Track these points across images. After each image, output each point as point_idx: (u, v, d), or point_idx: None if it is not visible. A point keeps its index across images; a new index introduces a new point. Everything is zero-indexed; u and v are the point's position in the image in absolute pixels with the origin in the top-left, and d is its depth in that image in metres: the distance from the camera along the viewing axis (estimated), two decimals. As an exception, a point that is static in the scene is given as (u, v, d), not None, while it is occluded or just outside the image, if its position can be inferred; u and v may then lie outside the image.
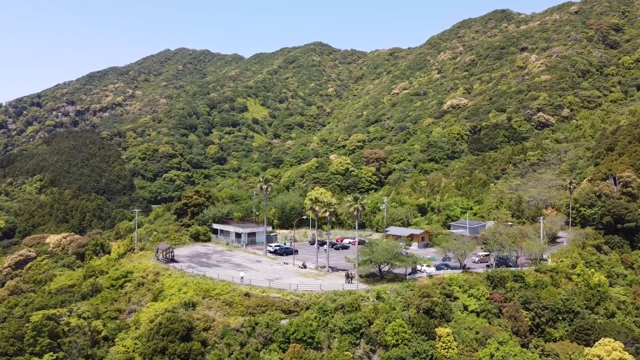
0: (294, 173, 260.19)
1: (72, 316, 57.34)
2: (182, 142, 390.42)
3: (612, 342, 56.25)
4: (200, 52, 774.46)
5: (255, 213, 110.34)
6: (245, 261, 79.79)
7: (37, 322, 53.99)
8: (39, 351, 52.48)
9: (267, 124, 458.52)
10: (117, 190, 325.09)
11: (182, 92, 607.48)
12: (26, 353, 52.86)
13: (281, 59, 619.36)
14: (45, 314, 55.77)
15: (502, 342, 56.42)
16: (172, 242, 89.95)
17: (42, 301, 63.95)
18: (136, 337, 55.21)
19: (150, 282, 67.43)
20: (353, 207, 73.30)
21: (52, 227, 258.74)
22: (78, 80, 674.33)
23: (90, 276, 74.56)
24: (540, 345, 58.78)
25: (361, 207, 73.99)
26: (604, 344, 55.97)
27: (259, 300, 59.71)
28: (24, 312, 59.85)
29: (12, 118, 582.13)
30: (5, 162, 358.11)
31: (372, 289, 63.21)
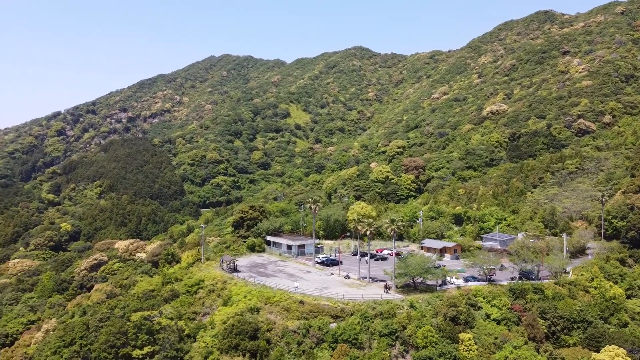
0: (336, 180, 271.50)
1: (162, 317, 71.08)
2: (228, 148, 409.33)
3: (616, 348, 64.77)
4: (244, 58, 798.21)
5: (303, 225, 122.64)
6: (297, 271, 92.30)
7: (137, 321, 67.99)
8: (139, 344, 66.36)
9: (309, 129, 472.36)
10: (169, 195, 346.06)
11: (226, 98, 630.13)
12: (129, 346, 66.82)
13: (322, 64, 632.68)
14: (142, 315, 69.73)
15: (517, 347, 66.15)
16: (232, 252, 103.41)
17: (136, 304, 77.99)
18: (213, 335, 68.32)
19: (220, 290, 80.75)
20: (390, 228, 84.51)
21: (112, 231, 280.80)
22: (129, 88, 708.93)
23: (167, 283, 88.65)
24: (548, 350, 68.03)
25: (397, 227, 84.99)
26: (609, 350, 64.64)
27: (312, 307, 71.85)
28: (124, 313, 73.87)
29: (70, 125, 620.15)
30: (68, 169, 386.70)
31: (406, 299, 74.25)
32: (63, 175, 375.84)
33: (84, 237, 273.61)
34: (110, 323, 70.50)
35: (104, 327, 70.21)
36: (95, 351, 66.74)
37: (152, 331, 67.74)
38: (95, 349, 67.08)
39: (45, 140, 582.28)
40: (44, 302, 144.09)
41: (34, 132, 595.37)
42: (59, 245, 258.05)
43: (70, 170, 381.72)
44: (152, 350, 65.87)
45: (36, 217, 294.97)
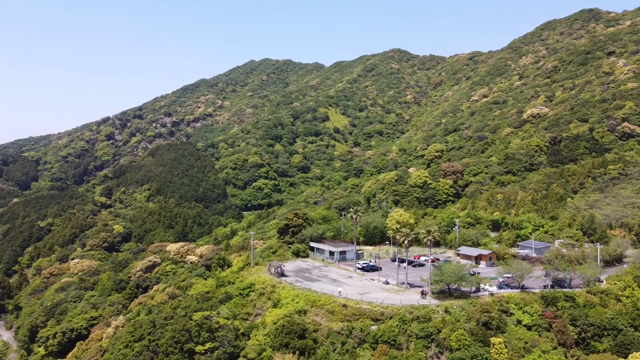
0: (375, 184, 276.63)
1: (219, 317, 79.39)
2: (268, 152, 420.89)
3: (643, 355, 68.45)
4: (283, 62, 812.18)
5: (344, 231, 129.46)
6: (339, 277, 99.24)
7: (198, 320, 76.56)
8: (201, 341, 74.82)
9: (347, 132, 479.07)
10: (213, 198, 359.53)
11: (266, 102, 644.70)
12: (192, 342, 75.37)
13: (360, 67, 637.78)
14: (203, 314, 78.24)
15: (546, 351, 70.72)
16: (278, 257, 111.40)
17: (196, 305, 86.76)
18: (265, 334, 76.07)
19: (269, 293, 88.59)
20: (426, 238, 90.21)
21: (160, 233, 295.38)
22: (174, 93, 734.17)
23: (220, 285, 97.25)
24: (576, 355, 72.17)
25: (433, 237, 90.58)
26: (636, 356, 68.44)
27: (354, 310, 78.59)
28: (186, 313, 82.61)
29: (118, 130, 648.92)
30: (118, 173, 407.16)
31: (441, 304, 79.95)
32: (114, 179, 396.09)
33: (135, 239, 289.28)
34: (175, 321, 79.33)
35: (169, 325, 79.14)
36: (163, 346, 75.64)
37: (212, 329, 76.13)
38: (162, 344, 76.01)
39: (95, 145, 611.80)
40: (104, 300, 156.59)
41: (85, 136, 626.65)
42: (112, 246, 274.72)
43: (120, 174, 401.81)
44: (213, 347, 74.23)
45: (91, 219, 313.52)
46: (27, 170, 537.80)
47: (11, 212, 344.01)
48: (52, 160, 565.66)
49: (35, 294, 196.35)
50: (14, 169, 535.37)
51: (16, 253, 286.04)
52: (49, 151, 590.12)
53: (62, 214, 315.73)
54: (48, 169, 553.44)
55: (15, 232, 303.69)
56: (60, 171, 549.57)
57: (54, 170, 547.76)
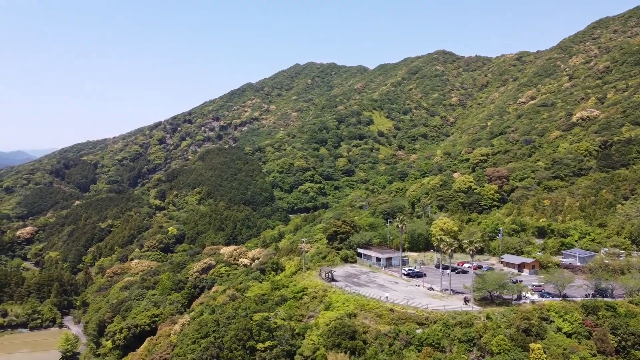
0: (419, 188, 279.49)
1: (277, 318, 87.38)
2: (314, 155, 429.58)
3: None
4: (327, 65, 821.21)
5: (389, 238, 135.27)
6: (386, 282, 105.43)
7: (258, 320, 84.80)
8: (261, 339, 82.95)
9: (391, 135, 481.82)
10: (260, 201, 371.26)
11: (311, 105, 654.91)
12: (253, 340, 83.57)
13: (405, 69, 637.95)
14: (262, 315, 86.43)
15: (584, 358, 74.38)
16: (328, 262, 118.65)
17: (255, 307, 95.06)
18: (319, 334, 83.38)
19: (321, 296, 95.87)
20: (469, 249, 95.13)
21: (211, 235, 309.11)
22: (221, 98, 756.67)
23: (275, 288, 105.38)
24: (614, 363, 75.49)
25: (475, 247, 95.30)
26: (674, 366, 71.22)
27: (400, 314, 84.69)
28: (246, 313, 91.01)
29: (169, 134, 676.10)
30: (170, 177, 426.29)
31: (483, 311, 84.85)
32: (167, 182, 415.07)
33: (188, 240, 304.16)
34: (236, 321, 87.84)
35: (231, 324, 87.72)
36: (227, 343, 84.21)
37: (271, 329, 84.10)
38: (226, 341, 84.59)
39: (148, 148, 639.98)
40: (164, 299, 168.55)
41: (139, 141, 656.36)
42: (167, 247, 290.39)
43: (173, 177, 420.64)
44: (272, 345, 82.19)
45: (147, 221, 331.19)
46: (87, 173, 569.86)
47: (74, 213, 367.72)
48: (108, 164, 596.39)
49: (101, 292, 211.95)
50: (74, 172, 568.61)
51: (80, 252, 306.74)
52: (105, 155, 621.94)
53: (121, 216, 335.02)
54: (105, 171, 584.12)
55: (79, 233, 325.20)
56: (116, 174, 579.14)
57: (110, 173, 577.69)
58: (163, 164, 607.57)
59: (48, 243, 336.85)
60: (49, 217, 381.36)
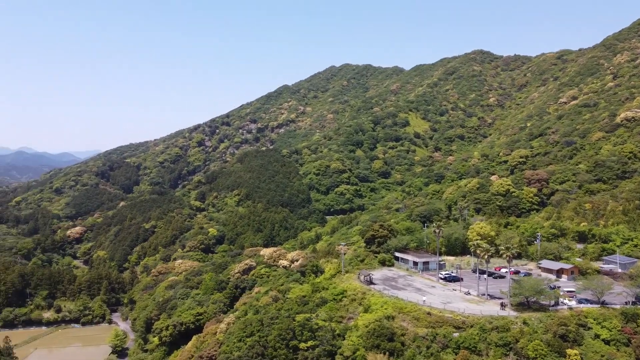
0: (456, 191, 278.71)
1: (318, 319, 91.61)
2: (350, 157, 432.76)
3: None
4: (363, 66, 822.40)
5: (426, 242, 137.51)
6: (423, 286, 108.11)
7: (301, 321, 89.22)
8: (304, 339, 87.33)
9: (428, 137, 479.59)
10: (297, 203, 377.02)
11: (347, 107, 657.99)
12: (296, 339, 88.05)
13: (441, 70, 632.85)
14: (304, 316, 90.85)
15: (621, 365, 75.30)
16: (366, 266, 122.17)
17: (297, 308, 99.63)
18: (358, 335, 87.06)
19: (360, 299, 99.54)
20: (505, 255, 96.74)
21: (250, 236, 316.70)
22: (258, 100, 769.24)
23: (315, 290, 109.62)
24: (651, 370, 75.83)
25: (511, 254, 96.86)
26: None
27: (437, 318, 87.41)
28: (289, 314, 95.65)
29: (208, 136, 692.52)
30: (210, 179, 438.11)
31: (520, 316, 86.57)
32: (207, 184, 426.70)
33: (227, 241, 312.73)
34: (280, 321, 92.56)
35: (275, 324, 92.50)
36: (271, 342, 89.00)
37: (313, 329, 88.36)
38: (270, 340, 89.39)
39: (188, 151, 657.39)
40: (207, 299, 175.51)
41: (179, 143, 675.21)
42: (208, 248, 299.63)
43: (212, 179, 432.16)
44: (314, 344, 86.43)
45: (188, 222, 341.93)
46: (130, 174, 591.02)
47: (120, 214, 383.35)
48: (150, 166, 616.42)
49: (147, 290, 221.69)
50: (118, 174, 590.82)
51: (126, 252, 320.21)
52: (147, 157, 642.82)
53: (164, 217, 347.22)
54: (147, 173, 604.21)
55: (125, 233, 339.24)
56: (157, 175, 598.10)
57: (152, 175, 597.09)
58: (202, 166, 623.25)
59: (96, 242, 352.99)
60: (96, 217, 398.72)
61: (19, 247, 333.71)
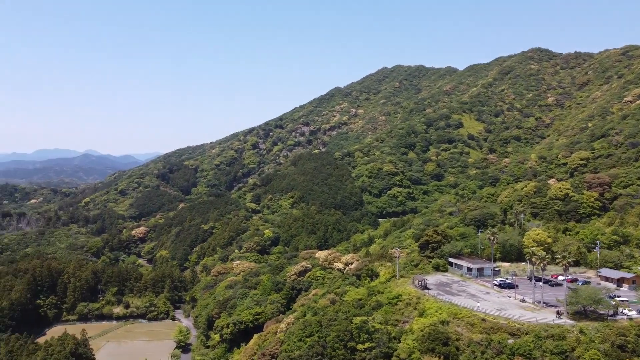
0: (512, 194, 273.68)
1: (374, 322, 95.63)
2: (402, 160, 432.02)
3: None
4: (415, 67, 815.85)
5: (480, 248, 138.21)
6: (477, 292, 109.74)
7: (358, 323, 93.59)
8: (361, 341, 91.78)
9: (482, 139, 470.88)
10: (350, 206, 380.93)
11: (399, 109, 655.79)
12: (353, 341, 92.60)
13: (496, 69, 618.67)
14: (361, 319, 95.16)
15: (683, 377, 74.55)
16: (420, 271, 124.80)
17: (354, 311, 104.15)
18: (413, 339, 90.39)
19: (415, 303, 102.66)
20: (562, 263, 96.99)
21: (304, 238, 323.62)
22: (310, 103, 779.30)
23: (371, 294, 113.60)
24: None
25: (568, 263, 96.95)
26: None
27: (492, 324, 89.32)
28: (346, 317, 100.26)
29: (262, 139, 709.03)
30: (265, 181, 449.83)
31: (576, 325, 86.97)
32: (261, 186, 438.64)
33: (282, 243, 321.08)
34: (338, 323, 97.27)
35: (333, 326, 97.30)
36: (330, 342, 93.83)
37: (369, 332, 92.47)
38: (329, 341, 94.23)
39: (243, 153, 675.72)
40: (265, 299, 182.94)
41: (234, 146, 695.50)
42: (264, 249, 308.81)
43: (267, 182, 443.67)
44: (371, 346, 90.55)
45: (244, 224, 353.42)
46: (188, 177, 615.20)
47: (180, 215, 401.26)
48: (207, 168, 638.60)
49: (207, 289, 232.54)
50: (177, 176, 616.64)
51: (186, 252, 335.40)
52: (204, 160, 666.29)
53: (221, 218, 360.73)
54: (204, 175, 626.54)
55: (185, 234, 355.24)
56: (214, 177, 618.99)
57: (209, 177, 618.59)
58: (256, 168, 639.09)
59: (158, 242, 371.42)
60: (158, 218, 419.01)
61: (90, 245, 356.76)
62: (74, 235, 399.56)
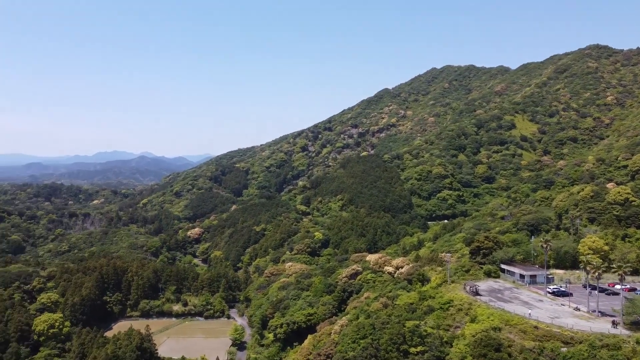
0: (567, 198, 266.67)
1: (427, 326, 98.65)
2: (452, 162, 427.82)
3: None
4: (465, 67, 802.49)
5: (533, 254, 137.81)
6: (530, 299, 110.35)
7: (411, 327, 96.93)
8: (413, 344, 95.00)
9: (536, 140, 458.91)
10: (399, 209, 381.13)
11: (448, 110, 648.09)
12: (406, 344, 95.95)
13: (551, 68, 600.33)
14: (414, 323, 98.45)
15: None
16: (471, 276, 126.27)
17: (406, 315, 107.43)
18: (465, 344, 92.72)
19: (466, 309, 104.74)
20: (618, 273, 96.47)
21: (354, 240, 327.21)
22: (359, 105, 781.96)
23: (422, 299, 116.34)
24: None
25: (624, 272, 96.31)
26: None
27: (544, 332, 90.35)
28: (399, 320, 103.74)
29: (311, 142, 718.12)
30: (314, 184, 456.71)
31: (633, 335, 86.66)
32: (311, 189, 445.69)
33: (332, 245, 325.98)
34: (391, 326, 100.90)
35: (386, 329, 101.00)
36: (383, 345, 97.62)
37: (422, 335, 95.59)
38: (382, 343, 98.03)
39: (292, 156, 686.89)
40: (317, 300, 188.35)
41: (284, 148, 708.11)
42: (314, 251, 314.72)
43: (316, 184, 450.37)
44: (423, 350, 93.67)
45: (295, 226, 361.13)
46: (239, 179, 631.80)
47: (233, 217, 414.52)
48: (257, 170, 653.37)
49: (260, 290, 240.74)
50: (229, 178, 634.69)
51: (239, 253, 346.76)
52: (255, 162, 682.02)
53: (272, 220, 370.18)
54: (255, 177, 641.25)
55: (238, 235, 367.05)
56: (264, 180, 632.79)
57: (259, 179, 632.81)
58: (306, 170, 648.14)
59: (212, 243, 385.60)
60: (212, 219, 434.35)
61: (149, 245, 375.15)
62: (134, 235, 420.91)
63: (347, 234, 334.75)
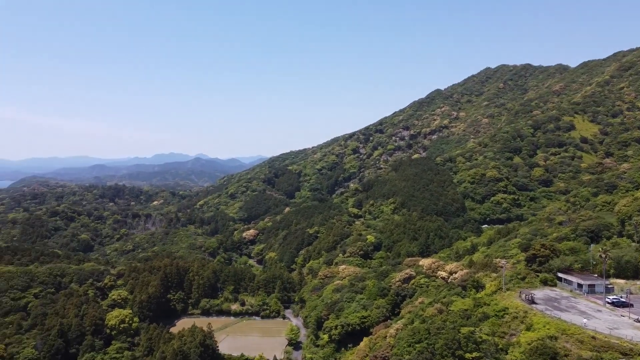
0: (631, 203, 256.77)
1: (482, 332, 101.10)
2: (507, 165, 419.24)
3: None
4: (521, 67, 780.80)
5: (592, 263, 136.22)
6: (588, 309, 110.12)
7: (466, 333, 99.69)
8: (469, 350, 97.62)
9: (597, 142, 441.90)
10: (452, 212, 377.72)
11: (503, 111, 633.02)
12: (461, 350, 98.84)
13: (614, 66, 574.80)
14: (469, 329, 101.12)
15: None
16: (527, 284, 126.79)
17: (461, 321, 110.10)
18: (521, 352, 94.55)
19: (522, 317, 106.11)
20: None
21: (406, 244, 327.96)
22: (410, 107, 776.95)
23: (477, 305, 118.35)
24: None
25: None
26: None
27: (602, 342, 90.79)
28: (454, 326, 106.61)
29: (362, 144, 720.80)
30: (366, 187, 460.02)
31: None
32: (363, 192, 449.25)
33: (384, 248, 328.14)
34: (446, 332, 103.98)
35: (441, 334, 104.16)
36: (438, 349, 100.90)
37: (477, 342, 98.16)
38: (437, 348, 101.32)
39: (343, 158, 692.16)
40: (371, 303, 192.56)
41: (335, 151, 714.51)
42: (367, 254, 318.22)
43: (368, 187, 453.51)
44: (478, 356, 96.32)
45: (347, 229, 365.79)
46: (292, 181, 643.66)
47: (286, 219, 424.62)
48: (309, 173, 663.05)
49: (315, 291, 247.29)
50: (282, 180, 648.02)
51: (293, 254, 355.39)
52: (307, 164, 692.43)
53: (325, 223, 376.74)
54: (307, 179, 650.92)
55: (292, 237, 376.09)
56: (316, 182, 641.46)
57: (311, 182, 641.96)
58: (357, 173, 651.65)
59: (267, 244, 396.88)
60: (266, 221, 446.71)
61: (206, 246, 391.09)
62: (192, 235, 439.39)
63: (400, 237, 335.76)
